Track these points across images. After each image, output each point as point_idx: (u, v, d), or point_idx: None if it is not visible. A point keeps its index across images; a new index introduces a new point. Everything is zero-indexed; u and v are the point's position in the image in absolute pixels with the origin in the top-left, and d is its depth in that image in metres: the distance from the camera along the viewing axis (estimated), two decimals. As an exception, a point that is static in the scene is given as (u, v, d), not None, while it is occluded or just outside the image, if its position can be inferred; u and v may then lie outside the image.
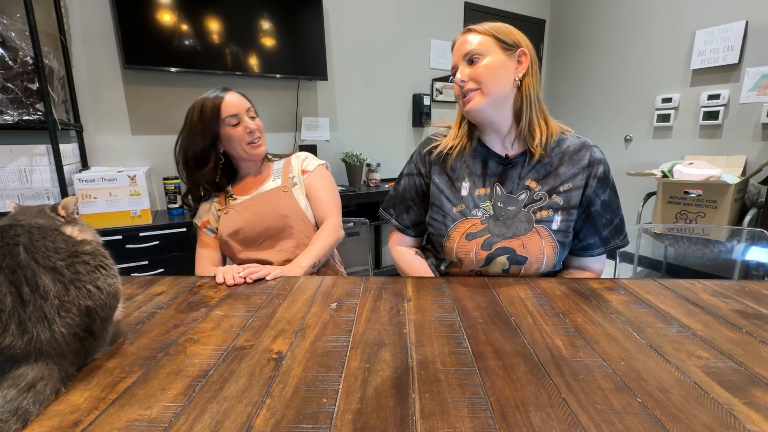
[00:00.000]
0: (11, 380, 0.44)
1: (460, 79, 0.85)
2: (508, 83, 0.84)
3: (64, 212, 0.59)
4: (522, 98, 0.85)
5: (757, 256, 1.43)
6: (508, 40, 0.84)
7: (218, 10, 2.10)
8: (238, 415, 0.43)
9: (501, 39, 0.84)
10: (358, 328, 0.62)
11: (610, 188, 0.89)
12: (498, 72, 0.83)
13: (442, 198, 0.93)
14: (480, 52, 0.83)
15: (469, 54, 0.84)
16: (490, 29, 0.85)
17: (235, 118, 1.04)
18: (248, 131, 1.05)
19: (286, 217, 1.08)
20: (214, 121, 1.03)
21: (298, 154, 1.21)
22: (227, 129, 1.04)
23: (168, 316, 0.68)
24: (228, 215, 1.09)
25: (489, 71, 0.83)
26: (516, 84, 0.85)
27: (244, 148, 1.07)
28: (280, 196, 1.10)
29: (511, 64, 0.84)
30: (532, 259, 0.87)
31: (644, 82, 2.99)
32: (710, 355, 0.55)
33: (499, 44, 0.84)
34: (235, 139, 1.05)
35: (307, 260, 1.00)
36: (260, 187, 1.13)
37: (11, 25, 1.58)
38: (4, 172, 1.60)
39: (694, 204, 2.33)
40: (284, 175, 1.15)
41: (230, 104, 1.04)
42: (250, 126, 1.06)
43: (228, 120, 1.03)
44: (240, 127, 1.05)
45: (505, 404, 0.44)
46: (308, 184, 1.15)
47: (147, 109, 2.13)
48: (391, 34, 2.87)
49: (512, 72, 0.84)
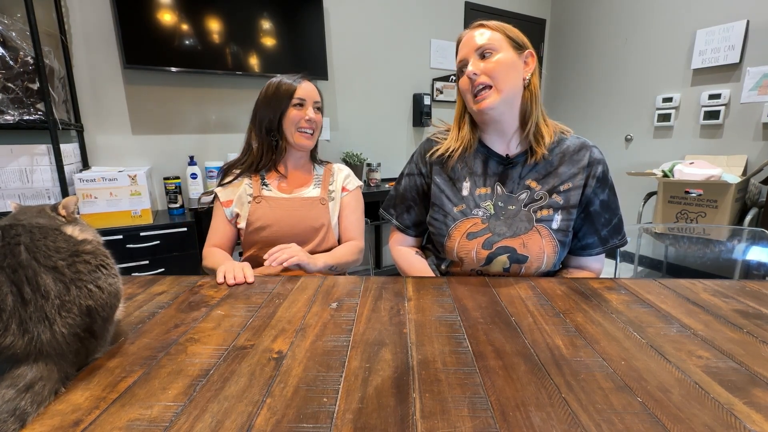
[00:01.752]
0: (10, 380, 0.44)
1: (473, 71, 0.83)
2: (519, 82, 0.84)
3: (64, 212, 0.59)
4: (530, 98, 0.85)
5: (757, 255, 1.43)
6: (518, 39, 0.85)
7: (219, 9, 2.10)
8: (238, 415, 0.43)
9: (512, 37, 0.84)
10: (358, 328, 0.62)
11: (608, 188, 0.90)
12: (510, 69, 0.83)
13: (442, 198, 0.94)
14: (493, 47, 0.82)
15: (482, 48, 0.83)
16: (501, 26, 0.85)
17: (300, 100, 1.07)
18: (306, 118, 1.07)
19: (318, 229, 1.09)
20: (286, 99, 1.06)
21: (341, 168, 1.22)
22: (290, 108, 1.07)
23: (168, 315, 0.68)
24: (260, 206, 1.08)
25: (503, 67, 0.82)
26: (525, 83, 0.85)
27: (293, 133, 1.08)
28: (317, 207, 1.11)
29: (520, 63, 0.84)
30: (533, 258, 0.87)
31: (645, 81, 2.98)
32: (711, 354, 0.55)
33: (510, 42, 0.84)
34: (290, 120, 1.07)
35: (328, 261, 1.03)
36: (299, 190, 1.13)
37: (12, 24, 1.59)
38: (5, 171, 1.60)
39: (694, 204, 2.33)
40: (324, 186, 1.16)
41: (302, 89, 1.08)
42: (310, 114, 1.08)
43: (294, 100, 1.06)
44: (301, 111, 1.07)
45: (505, 404, 0.44)
46: (344, 204, 1.17)
47: (147, 109, 2.13)
48: (392, 34, 2.87)
49: (521, 71, 0.84)
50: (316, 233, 1.09)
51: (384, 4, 2.79)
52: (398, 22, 2.87)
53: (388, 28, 2.84)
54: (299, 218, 1.08)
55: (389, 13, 2.83)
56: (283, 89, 1.07)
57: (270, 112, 1.08)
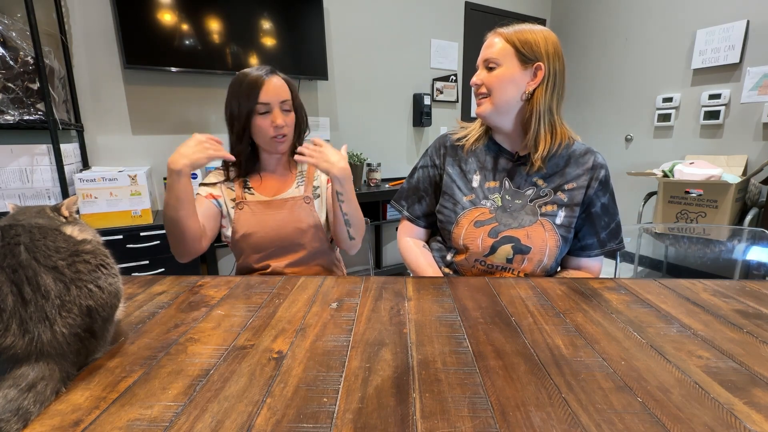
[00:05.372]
0: (12, 380, 0.44)
1: (474, 81, 0.92)
2: (516, 95, 0.88)
3: (67, 212, 0.59)
4: (531, 111, 0.89)
5: (757, 255, 1.43)
6: (529, 53, 0.86)
7: (219, 9, 2.10)
8: (238, 415, 0.43)
9: (521, 51, 0.86)
10: (358, 328, 0.62)
11: (609, 193, 0.95)
12: (507, 85, 0.88)
13: (453, 187, 0.99)
14: (497, 62, 0.88)
15: (488, 60, 0.89)
16: (514, 38, 0.87)
17: (265, 106, 0.98)
18: (274, 125, 0.99)
19: (303, 231, 1.05)
20: (252, 100, 0.97)
21: None
22: (256, 117, 0.99)
23: (169, 315, 0.68)
24: (242, 212, 1.04)
25: (499, 82, 0.88)
26: (525, 97, 0.88)
27: (267, 141, 1.02)
28: (301, 207, 1.06)
29: (524, 77, 0.87)
30: (536, 249, 0.91)
31: (645, 81, 2.98)
32: (711, 354, 0.55)
33: (518, 56, 0.86)
34: (258, 130, 1.00)
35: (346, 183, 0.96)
36: (281, 192, 1.08)
37: (12, 25, 1.59)
38: (5, 171, 1.60)
39: (694, 204, 2.33)
40: (308, 183, 1.10)
41: (265, 91, 0.97)
42: (277, 121, 0.98)
43: (258, 107, 0.97)
44: (268, 119, 0.99)
45: (505, 404, 0.44)
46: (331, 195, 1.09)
47: (147, 109, 2.13)
48: (392, 34, 2.87)
49: (523, 85, 0.88)
50: (303, 235, 1.05)
51: (384, 4, 2.79)
52: (398, 22, 2.87)
53: (388, 28, 2.84)
54: (283, 221, 1.03)
55: (389, 13, 2.83)
56: (248, 86, 0.97)
57: (236, 110, 0.99)
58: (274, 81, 0.99)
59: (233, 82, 1.01)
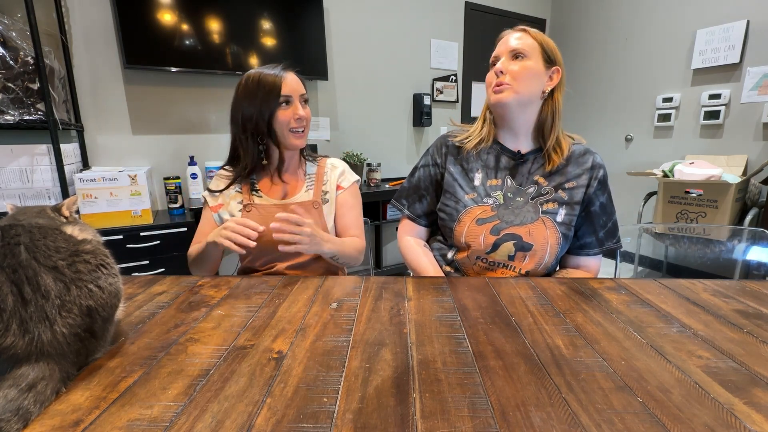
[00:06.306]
0: (12, 380, 0.44)
1: (500, 69, 0.91)
2: (537, 91, 0.91)
3: (68, 212, 0.59)
4: (550, 110, 0.92)
5: (757, 255, 1.43)
6: (552, 55, 0.91)
7: (219, 9, 2.10)
8: (238, 415, 0.43)
9: (546, 51, 0.91)
10: (358, 328, 0.62)
11: (607, 193, 0.97)
12: (533, 77, 0.90)
13: (455, 185, 0.99)
14: (526, 53, 0.89)
15: (516, 51, 0.90)
16: (541, 38, 0.92)
17: (287, 98, 0.98)
18: (296, 117, 0.99)
19: None
20: (273, 98, 0.97)
21: (335, 164, 1.14)
22: (278, 109, 0.98)
23: (169, 315, 0.68)
24: (250, 215, 1.02)
25: (527, 72, 0.89)
26: (543, 96, 0.92)
27: (285, 134, 1.00)
28: (310, 212, 1.05)
29: (545, 75, 0.91)
30: (537, 246, 0.92)
31: (645, 81, 2.98)
32: (711, 354, 0.55)
33: (543, 54, 0.90)
34: (280, 122, 0.99)
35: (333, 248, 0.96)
36: (290, 195, 1.07)
37: (12, 25, 1.59)
38: (5, 171, 1.60)
39: (694, 204, 2.33)
40: (317, 187, 1.09)
41: (287, 84, 0.98)
42: (300, 112, 0.99)
43: (281, 99, 0.97)
44: (289, 111, 0.99)
45: (505, 404, 0.44)
46: (341, 202, 1.10)
47: (148, 109, 2.13)
48: (392, 34, 2.87)
49: (544, 83, 0.91)
50: None
51: (384, 4, 2.79)
52: (398, 22, 2.87)
53: (388, 28, 2.84)
54: None
55: (389, 13, 2.83)
56: (267, 86, 0.96)
57: (254, 112, 0.98)
58: (292, 75, 1.01)
59: (246, 83, 0.99)
